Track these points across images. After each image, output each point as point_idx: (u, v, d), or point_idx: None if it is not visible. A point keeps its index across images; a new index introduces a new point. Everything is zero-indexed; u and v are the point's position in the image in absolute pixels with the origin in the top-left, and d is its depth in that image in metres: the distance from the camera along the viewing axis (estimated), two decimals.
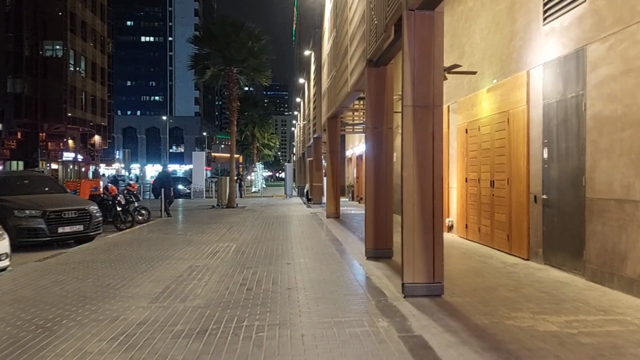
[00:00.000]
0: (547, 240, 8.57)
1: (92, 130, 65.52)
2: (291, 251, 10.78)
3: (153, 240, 12.99)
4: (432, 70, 6.52)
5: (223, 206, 25.66)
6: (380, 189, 9.50)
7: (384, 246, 9.53)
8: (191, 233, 14.50)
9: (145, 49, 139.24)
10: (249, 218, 19.28)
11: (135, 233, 14.69)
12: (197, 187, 35.85)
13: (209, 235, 13.75)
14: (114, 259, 10.05)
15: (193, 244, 12.01)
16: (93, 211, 12.95)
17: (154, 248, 11.45)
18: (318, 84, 25.40)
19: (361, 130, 24.60)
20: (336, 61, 15.80)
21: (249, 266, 9.02)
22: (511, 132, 9.72)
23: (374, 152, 9.53)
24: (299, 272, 8.40)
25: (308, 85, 33.66)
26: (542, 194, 8.69)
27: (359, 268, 8.74)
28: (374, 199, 9.51)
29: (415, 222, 6.51)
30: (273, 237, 13.35)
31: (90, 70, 63.78)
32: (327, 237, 13.20)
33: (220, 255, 10.36)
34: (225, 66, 25.21)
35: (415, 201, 6.52)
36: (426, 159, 6.54)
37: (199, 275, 8.21)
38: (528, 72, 9.13)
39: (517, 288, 7.06)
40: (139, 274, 8.38)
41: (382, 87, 9.49)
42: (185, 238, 13.29)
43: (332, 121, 18.41)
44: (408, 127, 6.54)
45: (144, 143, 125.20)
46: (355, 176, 30.91)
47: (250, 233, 14.25)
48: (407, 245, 6.51)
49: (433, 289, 6.50)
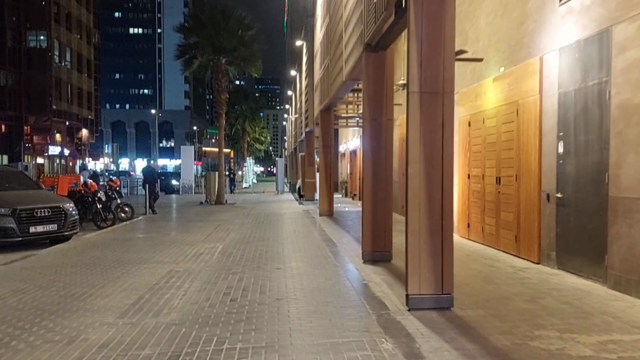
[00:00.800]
0: (562, 243, 7.80)
1: (79, 123, 64.22)
2: (282, 253, 9.96)
3: (133, 240, 12.12)
4: (442, 51, 5.70)
5: (212, 203, 24.78)
6: (379, 186, 8.69)
7: (382, 248, 8.73)
8: (175, 232, 13.65)
9: (133, 41, 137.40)
10: (239, 215, 18.44)
11: (116, 232, 13.81)
12: (186, 183, 34.95)
13: (195, 235, 12.90)
14: (87, 262, 9.18)
15: (176, 245, 11.16)
16: (68, 209, 12.05)
17: (133, 249, 10.59)
18: (310, 76, 24.53)
19: (355, 124, 23.79)
20: (329, 49, 14.95)
21: (234, 271, 8.19)
22: (521, 124, 8.94)
23: (372, 145, 8.72)
24: (290, 279, 7.58)
25: (300, 77, 32.78)
26: (555, 191, 7.92)
27: (355, 273, 7.94)
28: (372, 197, 8.70)
29: (421, 225, 5.71)
30: (263, 236, 12.52)
31: (76, 61, 62.35)
32: (321, 237, 12.39)
33: (205, 258, 9.52)
34: (214, 56, 24.26)
35: (422, 201, 5.72)
36: (435, 153, 5.73)
37: (177, 283, 7.37)
38: (541, 58, 8.34)
39: (535, 298, 6.29)
40: (110, 281, 7.53)
41: (381, 74, 8.67)
42: (169, 238, 12.44)
43: (325, 114, 17.58)
44: (414, 116, 5.72)
45: (134, 137, 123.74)
46: (349, 172, 30.10)
47: (239, 232, 13.41)
48: (413, 252, 5.71)
49: (442, 301, 5.71)
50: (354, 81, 12.21)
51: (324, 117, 17.64)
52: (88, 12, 67.10)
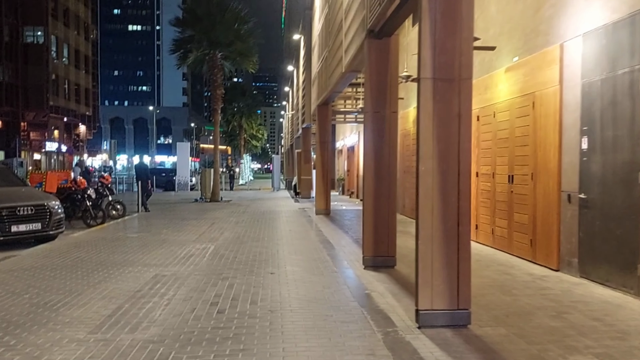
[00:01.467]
0: (585, 249, 7.12)
1: (77, 120, 63.42)
2: (276, 256, 9.27)
3: (122, 240, 11.43)
4: (458, 32, 5.01)
5: (207, 200, 24.09)
6: (382, 184, 8.01)
7: (385, 253, 8.05)
8: (167, 231, 12.95)
9: (132, 38, 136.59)
10: (234, 214, 17.75)
11: (105, 231, 13.12)
12: (181, 180, 34.26)
13: (186, 234, 12.21)
14: (68, 264, 8.48)
15: (166, 245, 10.46)
16: (53, 207, 11.34)
17: (120, 250, 9.90)
18: (308, 70, 23.83)
19: (353, 120, 23.08)
20: (328, 40, 14.25)
21: (225, 276, 7.51)
22: (537, 118, 8.25)
23: (374, 140, 8.04)
24: (284, 286, 6.89)
25: (297, 72, 32.08)
26: (578, 192, 7.23)
27: (356, 281, 7.25)
28: (374, 196, 8.01)
29: (434, 231, 5.03)
30: (257, 236, 11.83)
31: (74, 57, 61.51)
32: (318, 238, 11.70)
33: (194, 260, 8.83)
34: (210, 50, 23.56)
35: (435, 203, 5.03)
36: (450, 148, 5.05)
37: (162, 290, 6.68)
38: (561, 45, 7.65)
39: (560, 313, 5.60)
40: (90, 287, 6.84)
41: (385, 62, 7.98)
42: (159, 237, 11.75)
43: (323, 109, 16.87)
44: (427, 106, 5.03)
45: (132, 134, 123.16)
46: (346, 169, 29.42)
47: (233, 231, 12.72)
48: (424, 261, 5.03)
49: (457, 318, 5.03)
50: (354, 73, 11.53)
51: (321, 112, 16.94)
52: (86, 7, 66.26)
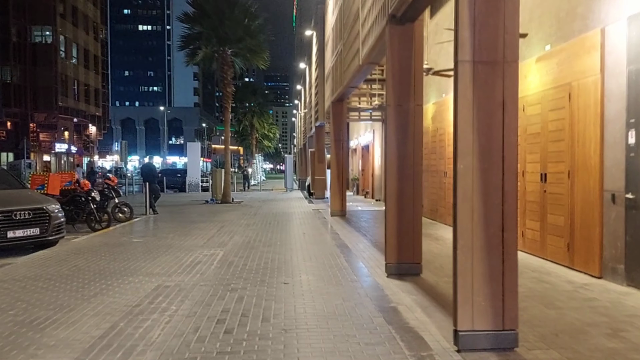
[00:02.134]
0: (633, 254, 6.37)
1: (86, 120, 63.18)
2: (290, 262, 8.58)
3: (125, 245, 10.80)
4: (502, 6, 4.28)
5: (217, 201, 23.49)
6: (406, 184, 7.30)
7: (410, 259, 7.33)
8: (174, 235, 12.33)
9: (143, 38, 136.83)
10: (245, 216, 17.10)
11: (109, 235, 12.51)
12: (192, 181, 33.73)
13: (194, 239, 11.57)
14: (64, 274, 7.86)
15: (171, 251, 9.82)
16: (53, 211, 10.74)
17: (122, 257, 9.26)
18: (321, 66, 23.13)
19: (368, 117, 22.36)
20: (343, 33, 13.54)
21: (234, 287, 6.84)
22: (574, 110, 7.49)
23: (397, 136, 7.33)
24: (299, 299, 6.21)
25: (309, 70, 31.39)
26: (625, 191, 6.48)
27: (380, 292, 6.54)
28: (397, 197, 7.30)
29: (475, 238, 4.31)
30: (269, 241, 11.16)
31: (83, 57, 61.24)
32: (334, 241, 11.00)
33: (201, 268, 8.17)
34: (219, 47, 22.93)
35: (476, 206, 4.32)
36: (493, 142, 4.33)
37: (163, 304, 6.02)
38: (602, 30, 6.89)
39: (616, 330, 4.86)
40: (84, 301, 6.20)
41: (409, 50, 7.27)
42: (165, 242, 11.12)
43: (337, 106, 16.17)
44: (465, 94, 4.32)
45: (143, 134, 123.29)
46: (361, 168, 28.72)
47: (243, 235, 12.07)
48: (464, 274, 4.31)
49: (503, 340, 4.30)
50: (372, 65, 10.83)
51: (335, 109, 16.24)
52: (95, 7, 65.99)
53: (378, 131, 23.18)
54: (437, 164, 14.34)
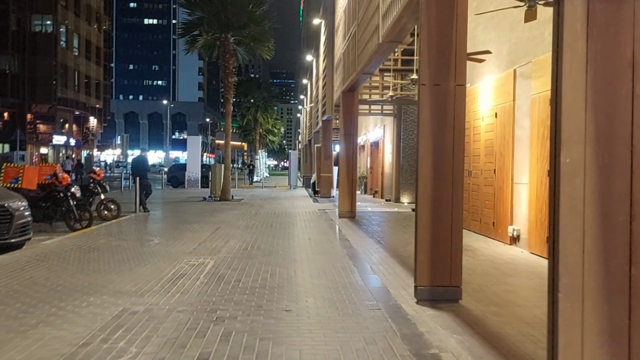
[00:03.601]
0: None
1: (87, 112, 61.68)
2: (293, 279, 7.01)
3: (102, 250, 9.25)
4: None
5: (216, 198, 21.93)
6: (443, 187, 5.72)
7: (446, 282, 5.74)
8: (161, 238, 10.79)
9: (148, 32, 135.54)
10: (244, 216, 15.54)
11: (87, 236, 10.98)
12: (192, 176, 32.20)
13: (183, 243, 10.02)
14: (14, 289, 6.30)
15: (153, 260, 8.27)
16: (17, 209, 9.19)
17: (91, 267, 7.72)
18: (329, 56, 21.55)
19: (379, 111, 20.76)
20: (357, 12, 11.95)
21: (220, 316, 5.27)
22: None
23: (433, 124, 5.74)
24: (306, 338, 4.63)
25: (316, 62, 29.79)
26: None
27: (412, 328, 4.94)
28: (431, 204, 5.72)
29: (587, 276, 2.73)
30: (270, 248, 9.59)
31: (84, 48, 59.64)
32: (345, 250, 9.42)
33: (184, 284, 6.61)
34: (221, 33, 21.34)
35: (589, 225, 2.74)
36: (616, 123, 2.75)
37: (121, 342, 4.45)
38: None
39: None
40: (18, 334, 4.64)
41: (450, 15, 5.68)
42: (149, 247, 9.58)
43: (348, 96, 14.60)
44: (575, 49, 2.74)
45: (146, 129, 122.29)
46: (369, 166, 27.12)
47: (240, 240, 10.51)
48: (569, 330, 2.74)
49: None
50: (394, 44, 9.23)
51: (346, 100, 14.66)
52: None
53: (389, 126, 21.59)
54: None
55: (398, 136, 20.18)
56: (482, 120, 11.37)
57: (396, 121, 20.32)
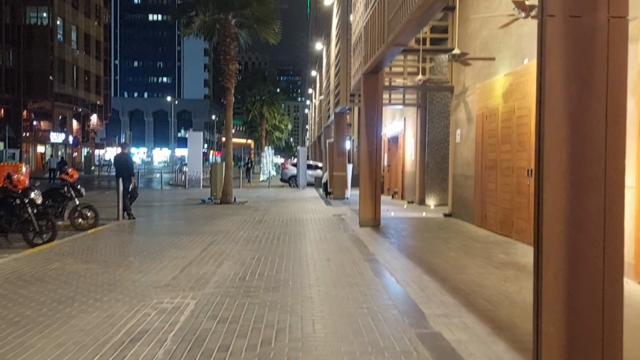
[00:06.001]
0: None
1: (86, 109, 59.31)
2: (312, 344, 4.46)
3: (46, 281, 6.74)
4: None
5: (216, 201, 19.42)
6: (588, 201, 3.14)
7: None
8: (135, 258, 8.31)
9: (152, 28, 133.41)
10: (246, 224, 13.02)
11: (41, 256, 8.50)
12: (192, 175, 29.77)
13: (161, 268, 7.51)
14: None
15: (108, 301, 5.76)
16: None
17: (16, 310, 5.23)
18: (344, 38, 18.96)
19: (400, 101, 18.11)
20: None
21: None
22: None
23: (569, 88, 3.17)
24: None
25: (327, 49, 27.17)
26: None
27: None
28: (567, 232, 3.14)
29: None
30: (275, 277, 7.04)
31: (83, 42, 57.22)
32: (379, 279, 6.85)
33: (139, 353, 4.10)
34: (220, 13, 18.80)
35: None
36: None
37: None
38: None
39: None
40: None
41: None
42: (114, 274, 7.09)
43: (371, 79, 12.05)
44: None
45: (152, 127, 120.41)
46: (386, 164, 24.48)
47: (237, 262, 7.99)
48: None
49: None
50: None
51: (368, 83, 12.11)
52: None
53: (411, 118, 18.98)
54: (514, 158, 10.16)
55: (423, 129, 17.58)
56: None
57: (420, 112, 17.70)
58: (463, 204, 13.26)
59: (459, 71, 13.72)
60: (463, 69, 13.16)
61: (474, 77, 12.42)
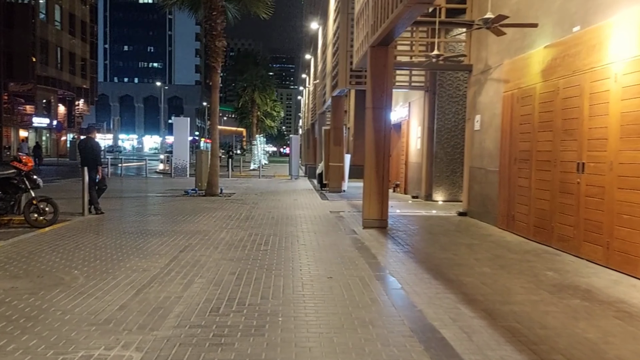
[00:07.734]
0: None
1: (71, 93, 56.91)
2: None
3: None
4: None
5: (201, 192, 17.54)
6: None
7: None
8: (82, 271, 6.45)
9: (143, 11, 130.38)
10: (230, 221, 11.17)
11: None
12: (179, 163, 27.89)
13: (109, 289, 5.66)
14: None
15: (17, 349, 3.90)
16: None
17: None
18: (344, 11, 16.98)
19: (406, 84, 16.20)
20: None
21: None
22: None
23: None
24: None
25: (324, 28, 25.16)
26: None
27: None
28: None
29: None
30: (261, 307, 5.19)
31: (67, 22, 54.71)
32: (398, 310, 5.02)
33: None
34: None
35: None
36: None
37: None
38: None
39: None
40: None
41: None
42: (40, 300, 5.27)
43: (379, 52, 10.18)
44: None
45: (142, 112, 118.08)
46: None
47: (213, 280, 6.13)
48: None
49: None
50: None
51: (376, 58, 10.23)
52: None
53: (417, 103, 17.11)
54: (557, 149, 8.31)
55: (431, 116, 15.72)
56: (613, 80, 6.91)
57: (429, 96, 15.82)
58: (482, 202, 11.45)
59: (479, 47, 11.83)
60: (485, 44, 11.29)
61: (501, 53, 10.55)
